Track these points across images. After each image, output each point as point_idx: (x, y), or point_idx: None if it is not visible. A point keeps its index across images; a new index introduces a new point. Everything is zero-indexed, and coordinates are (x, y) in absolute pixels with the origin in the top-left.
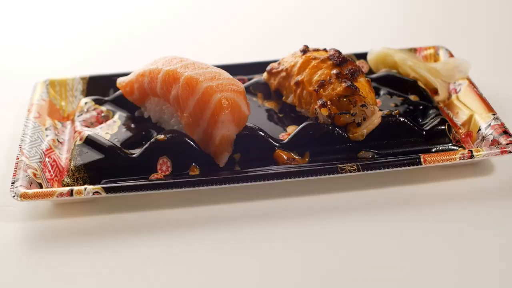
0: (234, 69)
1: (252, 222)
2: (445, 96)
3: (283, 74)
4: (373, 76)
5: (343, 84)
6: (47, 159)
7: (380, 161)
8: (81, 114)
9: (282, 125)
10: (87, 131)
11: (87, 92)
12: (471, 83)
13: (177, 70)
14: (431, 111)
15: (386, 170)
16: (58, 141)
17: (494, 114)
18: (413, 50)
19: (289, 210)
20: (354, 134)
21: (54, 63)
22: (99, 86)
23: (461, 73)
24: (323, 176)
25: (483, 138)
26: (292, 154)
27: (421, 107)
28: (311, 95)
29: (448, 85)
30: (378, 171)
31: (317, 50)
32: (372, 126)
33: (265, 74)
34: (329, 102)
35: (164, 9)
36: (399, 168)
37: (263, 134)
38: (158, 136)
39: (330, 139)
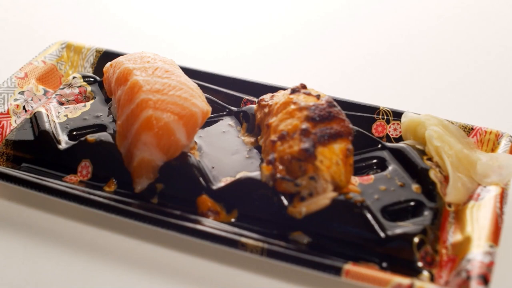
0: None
1: (123, 261)
2: (455, 199)
3: (266, 110)
4: (390, 145)
5: (301, 145)
6: None
7: (292, 254)
8: (63, 88)
9: (237, 168)
10: (41, 108)
11: (96, 66)
12: (501, 194)
13: (133, 71)
14: (425, 213)
15: (294, 267)
16: (24, 108)
17: (491, 246)
18: (468, 129)
19: (173, 266)
20: (293, 208)
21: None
22: None
23: (499, 176)
24: (221, 246)
25: (459, 273)
26: (218, 206)
27: (412, 203)
28: (270, 145)
29: (474, 187)
30: (285, 264)
31: (308, 93)
32: (315, 206)
33: (256, 105)
34: (278, 161)
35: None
36: (311, 271)
37: (195, 171)
38: (89, 136)
39: (266, 205)
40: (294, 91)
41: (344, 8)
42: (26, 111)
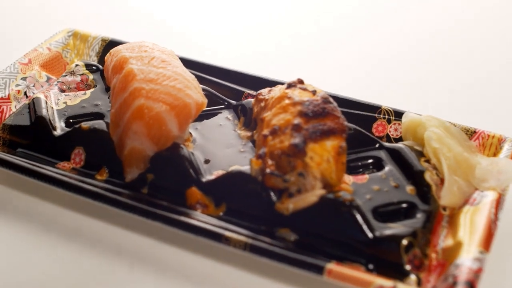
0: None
1: (110, 250)
2: (450, 203)
3: (262, 104)
4: (388, 145)
5: (291, 140)
6: None
7: (274, 250)
8: (66, 75)
9: (231, 162)
10: (41, 94)
11: (101, 55)
12: (498, 200)
13: (129, 60)
14: (418, 215)
15: (279, 264)
16: (26, 94)
17: (482, 253)
18: (470, 132)
19: (159, 257)
20: (281, 205)
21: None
22: None
23: (497, 182)
24: (204, 239)
25: (446, 278)
26: (207, 199)
27: (405, 205)
28: (262, 140)
29: (470, 191)
30: (267, 260)
31: (304, 89)
32: (303, 203)
33: (254, 99)
34: (268, 155)
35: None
36: (293, 269)
37: (186, 163)
38: (83, 123)
39: (254, 200)
40: (290, 85)
41: (349, 8)
42: (27, 97)
